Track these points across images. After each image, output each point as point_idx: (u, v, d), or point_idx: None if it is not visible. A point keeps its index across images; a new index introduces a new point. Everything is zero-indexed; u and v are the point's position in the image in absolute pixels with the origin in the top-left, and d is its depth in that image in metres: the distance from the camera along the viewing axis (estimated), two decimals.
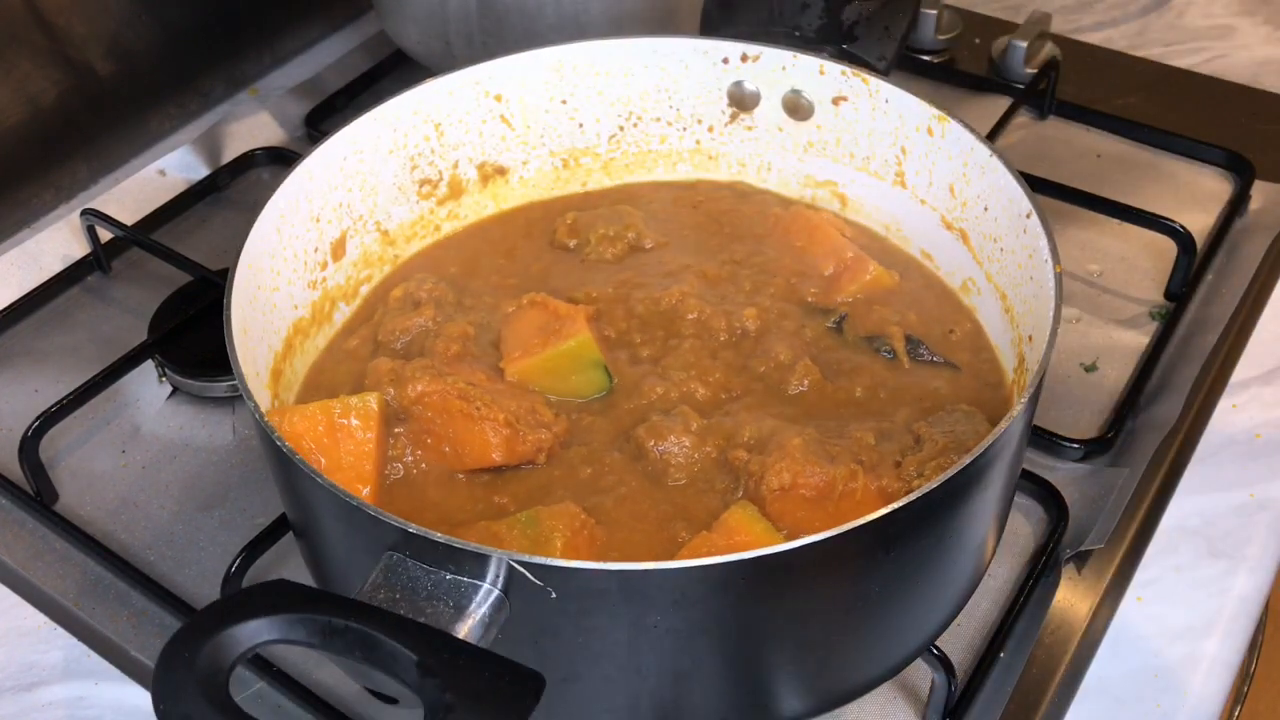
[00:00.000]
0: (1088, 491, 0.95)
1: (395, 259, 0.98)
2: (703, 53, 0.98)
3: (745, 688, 0.69)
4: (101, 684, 0.84)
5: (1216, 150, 1.23)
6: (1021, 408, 0.69)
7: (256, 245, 0.82)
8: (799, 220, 0.98)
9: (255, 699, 0.83)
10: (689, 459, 0.81)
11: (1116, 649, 0.84)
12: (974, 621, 0.87)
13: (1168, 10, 1.46)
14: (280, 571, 0.89)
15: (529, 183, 1.03)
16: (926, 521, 0.67)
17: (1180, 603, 0.86)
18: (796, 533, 0.73)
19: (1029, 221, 0.81)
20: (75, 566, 0.93)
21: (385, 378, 0.84)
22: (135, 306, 1.12)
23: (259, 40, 1.39)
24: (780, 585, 0.64)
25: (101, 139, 1.26)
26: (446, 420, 0.81)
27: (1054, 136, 1.28)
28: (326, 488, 0.65)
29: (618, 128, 1.02)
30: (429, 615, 0.61)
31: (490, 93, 0.97)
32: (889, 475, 0.77)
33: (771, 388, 0.86)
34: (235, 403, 1.04)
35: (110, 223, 1.14)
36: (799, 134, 0.99)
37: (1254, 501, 0.92)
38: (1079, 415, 1.01)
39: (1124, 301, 1.10)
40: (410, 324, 0.90)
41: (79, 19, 1.20)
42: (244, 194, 1.25)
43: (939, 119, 0.90)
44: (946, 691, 0.79)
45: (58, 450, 1.00)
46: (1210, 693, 0.82)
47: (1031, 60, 1.32)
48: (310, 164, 0.88)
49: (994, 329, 0.89)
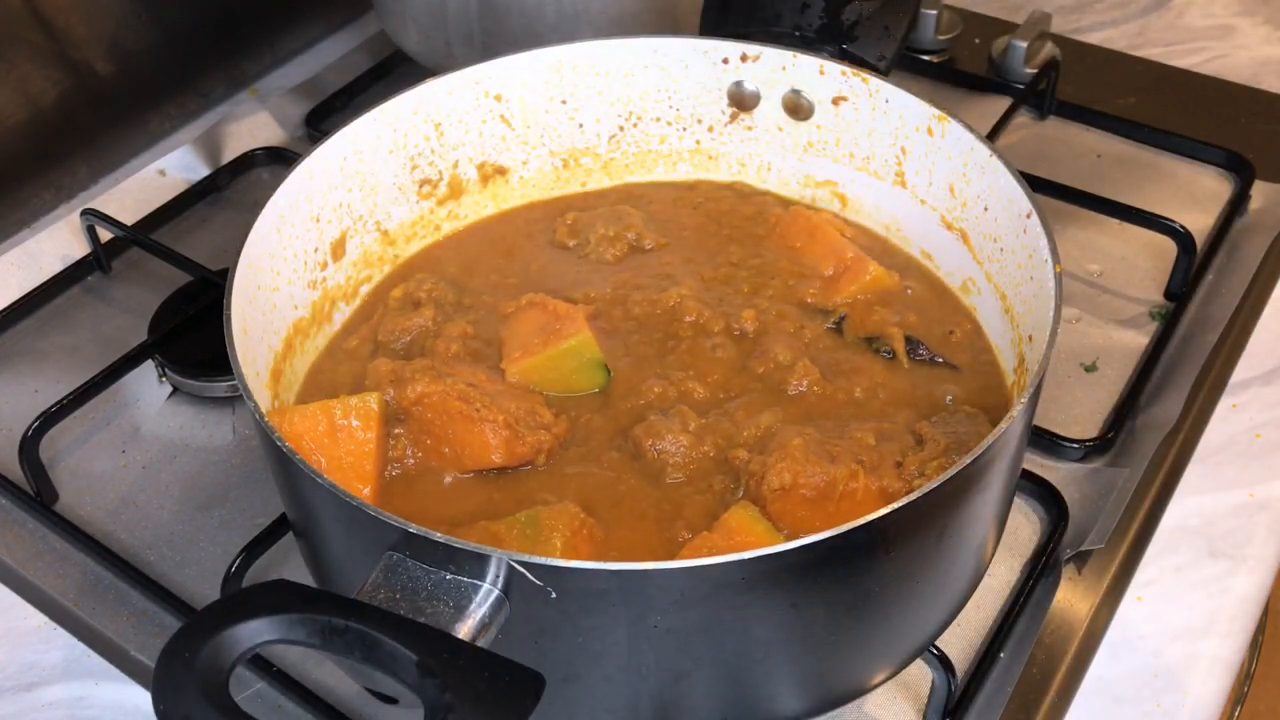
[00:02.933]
0: (1088, 491, 0.95)
1: (395, 259, 0.98)
2: (703, 53, 0.98)
3: (745, 688, 0.69)
4: (101, 684, 0.84)
5: (1216, 150, 1.23)
6: (1021, 408, 0.69)
7: (256, 245, 0.82)
8: (799, 221, 0.98)
9: (255, 699, 0.84)
10: (687, 458, 0.81)
11: (1116, 649, 0.84)
12: (974, 621, 0.87)
13: (1168, 10, 1.46)
14: (280, 571, 0.89)
15: (529, 183, 1.03)
16: (926, 521, 0.67)
17: (1180, 603, 0.86)
18: (797, 533, 0.73)
19: (1029, 221, 0.81)
20: (75, 566, 0.93)
21: (385, 378, 0.84)
22: (135, 306, 1.12)
23: (259, 40, 1.39)
24: (780, 585, 0.64)
25: (101, 139, 1.26)
26: (446, 421, 0.81)
27: (1054, 136, 1.28)
28: (326, 488, 0.65)
29: (618, 128, 1.02)
30: (429, 615, 0.62)
31: (490, 93, 0.97)
32: (890, 475, 0.77)
33: (771, 388, 0.86)
34: (235, 403, 1.04)
35: (110, 223, 1.14)
36: (799, 134, 0.99)
37: (1254, 501, 0.92)
38: (1079, 415, 1.01)
39: (1124, 301, 1.10)
40: (410, 324, 0.90)
41: (79, 19, 1.20)
42: (244, 194, 1.25)
43: (939, 119, 0.90)
44: (946, 691, 0.79)
45: (58, 450, 1.00)
46: (1210, 693, 0.82)
47: (1031, 60, 1.32)
48: (310, 164, 0.88)
49: (994, 329, 0.89)
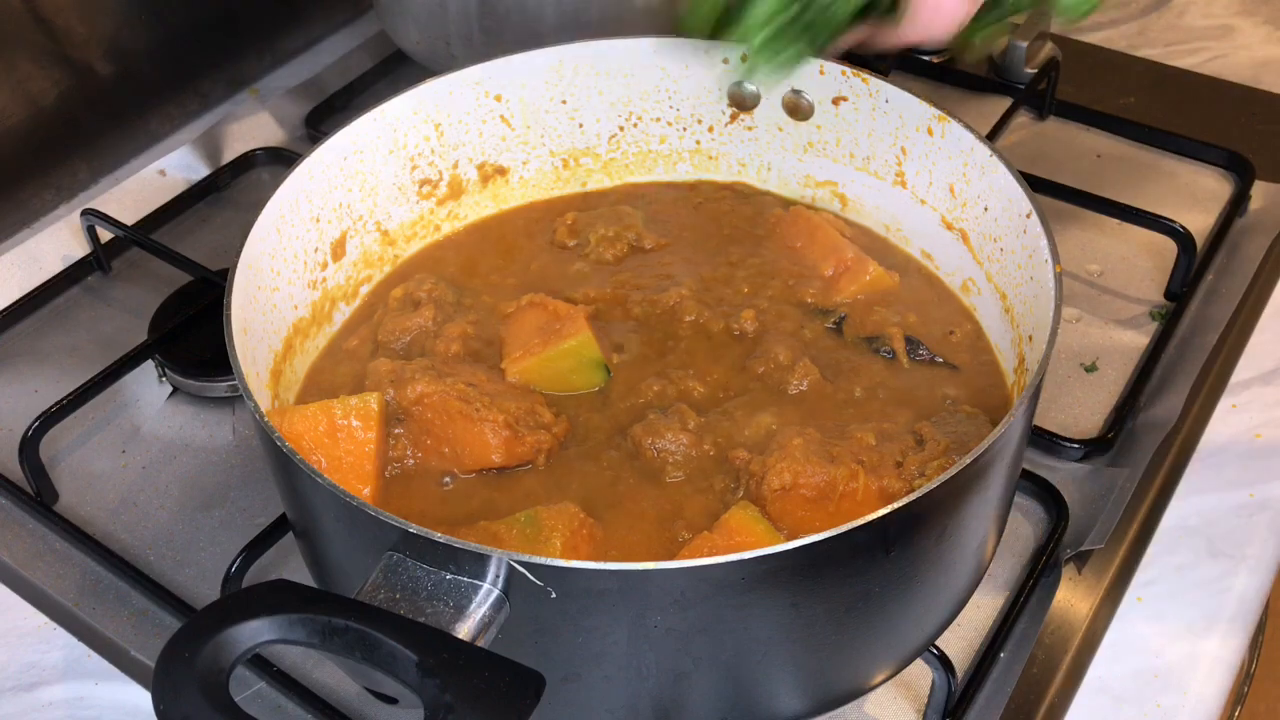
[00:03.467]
0: (1088, 491, 0.95)
1: (395, 259, 0.98)
2: (703, 53, 0.98)
3: (745, 688, 0.69)
4: (101, 684, 0.84)
5: (1216, 150, 1.23)
6: (1021, 408, 0.69)
7: (256, 245, 0.82)
8: (799, 221, 0.98)
9: (255, 699, 0.84)
10: (686, 457, 0.81)
11: (1116, 649, 0.84)
12: (974, 621, 0.87)
13: (1168, 10, 1.46)
14: (280, 571, 0.89)
15: (529, 183, 1.03)
16: (926, 521, 0.67)
17: (1180, 603, 0.86)
18: (797, 533, 0.73)
19: (1029, 221, 0.81)
20: (75, 566, 0.93)
21: (385, 378, 0.84)
22: (135, 306, 1.12)
23: (259, 40, 1.39)
24: (780, 585, 0.64)
25: (101, 139, 1.26)
26: (446, 421, 0.81)
27: (1054, 136, 1.28)
28: (326, 488, 0.65)
29: (618, 128, 1.02)
30: (429, 615, 0.62)
31: (490, 93, 0.97)
32: (890, 475, 0.77)
33: (771, 388, 0.86)
34: (235, 403, 1.04)
35: (110, 223, 1.14)
36: (799, 134, 0.99)
37: (1254, 501, 0.92)
38: (1079, 415, 1.01)
39: (1124, 301, 1.10)
40: (410, 324, 0.90)
41: (79, 19, 1.20)
42: (244, 194, 1.25)
43: (939, 119, 0.90)
44: (946, 691, 0.79)
45: (58, 450, 1.00)
46: (1210, 693, 0.82)
47: (1031, 60, 1.32)
48: (310, 164, 0.88)
49: (994, 329, 0.89)
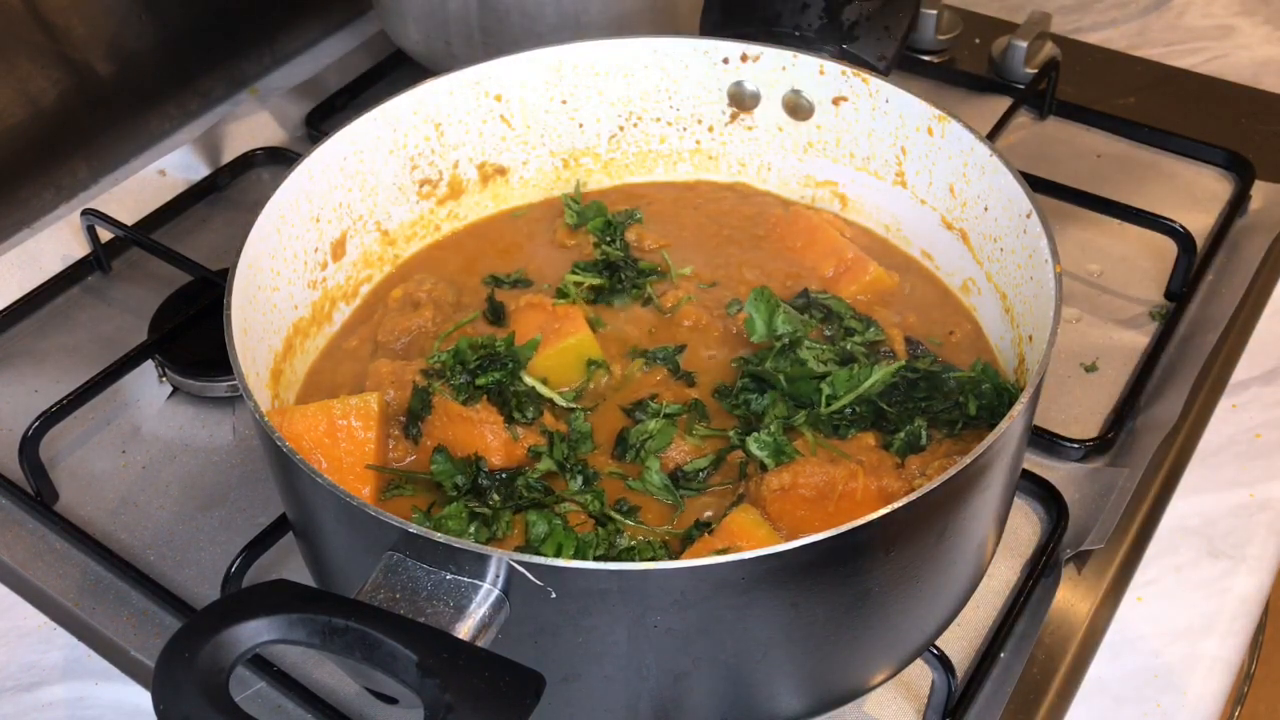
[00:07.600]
0: (1088, 491, 0.95)
1: (395, 259, 0.98)
2: (703, 53, 0.98)
3: (745, 688, 0.69)
4: (101, 684, 0.84)
5: (1216, 150, 1.23)
6: (1021, 408, 0.69)
7: (256, 245, 0.82)
8: (799, 221, 0.98)
9: (255, 699, 0.84)
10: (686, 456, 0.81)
11: (1116, 649, 0.84)
12: (974, 621, 0.87)
13: (1168, 10, 1.46)
14: (280, 571, 0.89)
15: (529, 183, 1.03)
16: (926, 521, 0.67)
17: (1180, 603, 0.86)
18: (796, 533, 0.73)
19: (1029, 221, 0.81)
20: (75, 566, 0.93)
21: (385, 378, 0.84)
22: (135, 306, 1.12)
23: (259, 40, 1.39)
24: (780, 585, 0.64)
25: (101, 139, 1.26)
26: (446, 422, 0.81)
27: (1054, 136, 1.28)
28: (326, 488, 0.65)
29: (618, 128, 1.02)
30: (429, 615, 0.62)
31: (490, 93, 0.97)
32: (890, 475, 0.77)
33: None
34: (235, 403, 1.04)
35: (110, 223, 1.14)
36: (799, 134, 0.99)
37: (1254, 501, 0.92)
38: (1079, 415, 1.01)
39: (1124, 301, 1.10)
40: (410, 324, 0.90)
41: (79, 19, 1.20)
42: (244, 194, 1.25)
43: (939, 119, 0.90)
44: (946, 691, 0.79)
45: (58, 450, 1.00)
46: (1210, 693, 0.82)
47: (1031, 60, 1.32)
48: (310, 164, 0.88)
49: (994, 329, 0.89)
